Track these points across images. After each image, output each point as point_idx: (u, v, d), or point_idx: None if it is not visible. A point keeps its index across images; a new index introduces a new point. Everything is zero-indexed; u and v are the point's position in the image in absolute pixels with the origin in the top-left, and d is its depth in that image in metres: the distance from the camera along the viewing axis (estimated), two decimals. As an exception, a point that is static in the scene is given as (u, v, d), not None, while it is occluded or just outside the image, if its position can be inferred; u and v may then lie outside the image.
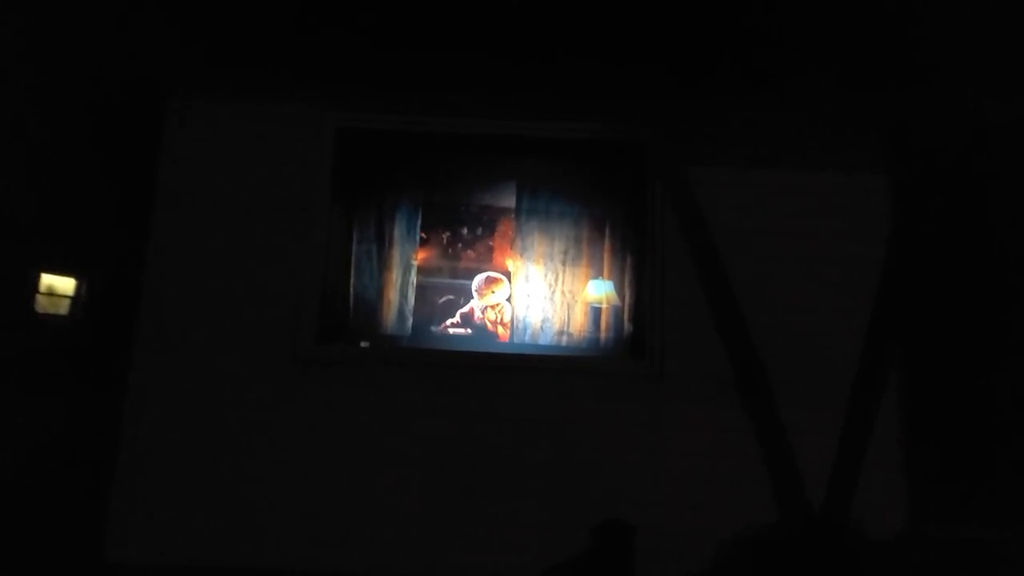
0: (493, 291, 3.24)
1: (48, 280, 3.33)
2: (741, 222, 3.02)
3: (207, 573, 2.73)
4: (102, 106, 3.39)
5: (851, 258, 2.98)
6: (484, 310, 3.25)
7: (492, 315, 3.26)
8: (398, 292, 3.23)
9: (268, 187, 3.06)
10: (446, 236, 3.31)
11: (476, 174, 3.36)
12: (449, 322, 3.22)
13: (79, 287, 3.40)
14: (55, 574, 2.71)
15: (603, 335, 3.21)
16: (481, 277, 3.26)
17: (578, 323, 3.23)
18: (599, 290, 3.25)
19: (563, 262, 3.27)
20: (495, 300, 3.25)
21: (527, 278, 3.27)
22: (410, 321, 3.21)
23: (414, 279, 3.24)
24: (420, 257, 3.28)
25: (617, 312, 3.23)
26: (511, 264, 3.29)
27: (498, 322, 3.26)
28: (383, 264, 3.25)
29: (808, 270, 2.98)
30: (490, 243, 3.31)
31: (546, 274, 3.27)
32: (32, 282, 3.24)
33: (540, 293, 3.26)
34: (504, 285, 3.27)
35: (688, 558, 2.75)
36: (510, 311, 3.25)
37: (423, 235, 3.29)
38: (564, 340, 3.21)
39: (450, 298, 3.25)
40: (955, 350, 3.04)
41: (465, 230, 3.32)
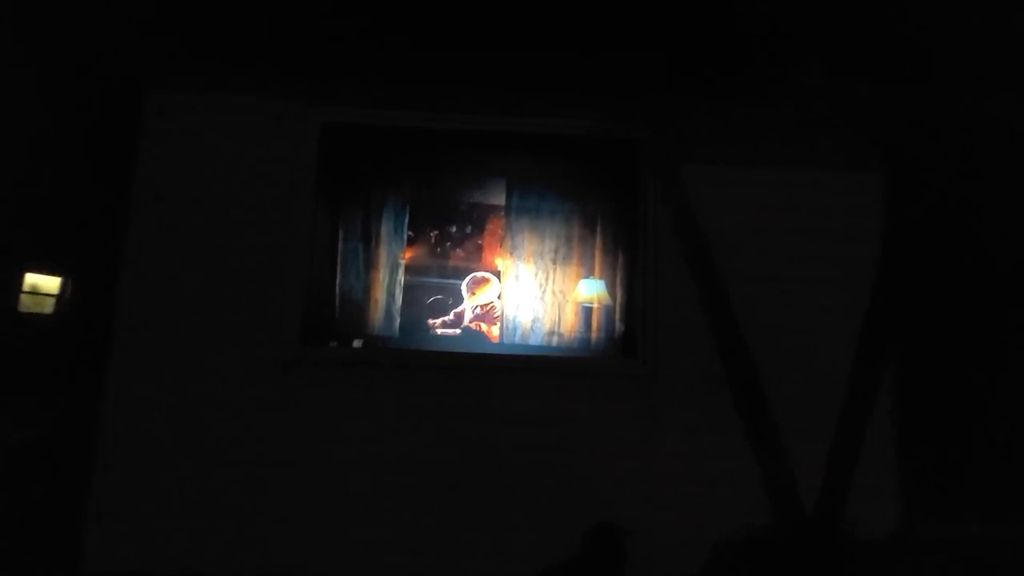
0: (483, 291, 3.19)
1: (24, 280, 3.23)
2: (735, 220, 3.03)
3: (188, 582, 2.68)
4: (77, 100, 3.32)
5: (845, 256, 3.00)
6: (474, 310, 3.20)
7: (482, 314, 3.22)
8: (385, 292, 3.19)
9: (250, 184, 3.01)
10: (434, 234, 3.28)
11: (465, 171, 3.33)
12: (440, 320, 3.17)
13: (55, 286, 3.30)
14: (30, 584, 2.64)
15: (594, 335, 3.20)
16: (469, 277, 3.22)
17: (569, 323, 3.21)
18: (590, 289, 3.23)
19: (554, 261, 3.25)
20: (484, 300, 3.21)
21: (517, 277, 3.23)
22: (397, 321, 3.17)
23: (402, 278, 3.20)
24: (408, 256, 3.24)
25: (609, 312, 3.22)
26: (501, 263, 3.25)
27: (488, 320, 3.21)
28: (370, 263, 3.21)
29: (802, 268, 2.99)
30: (479, 241, 3.28)
31: (536, 273, 3.24)
32: (3, 282, 3.15)
33: (530, 292, 3.23)
34: (493, 284, 3.22)
35: (681, 561, 2.75)
36: (500, 311, 3.21)
37: (411, 233, 3.25)
38: (555, 340, 3.19)
39: (439, 298, 3.21)
40: (949, 349, 3.05)
41: (454, 228, 3.28)
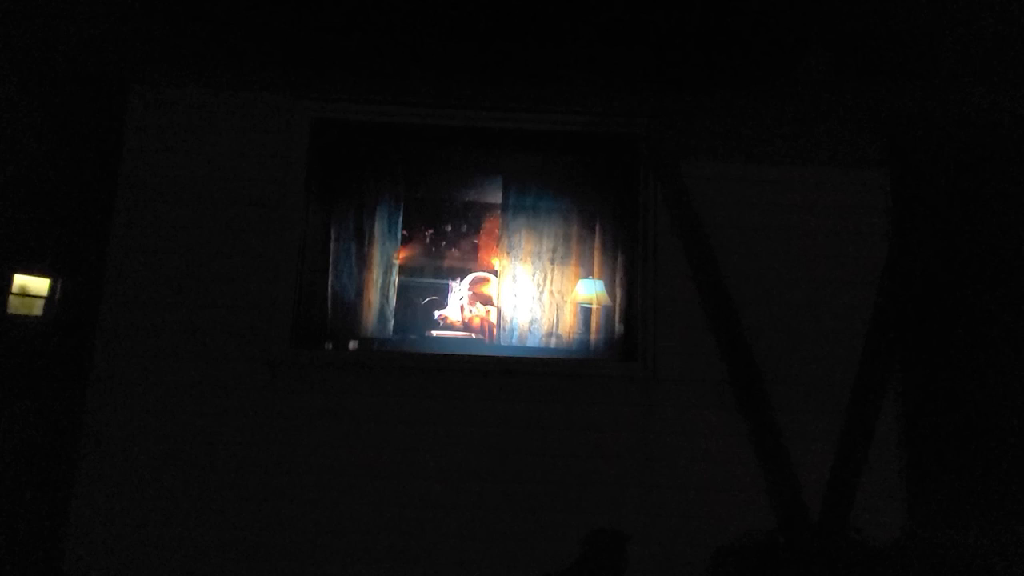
0: (484, 289, 3.14)
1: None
2: (737, 218, 2.99)
3: (174, 592, 2.63)
4: (59, 95, 3.23)
5: (850, 255, 2.97)
6: (466, 300, 3.15)
7: (479, 314, 3.17)
8: (379, 292, 3.13)
9: (238, 182, 2.95)
10: (429, 234, 3.23)
11: (461, 168, 3.29)
12: (439, 314, 3.11)
13: (43, 287, 3.21)
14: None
15: (593, 336, 3.16)
16: (471, 276, 3.16)
17: (567, 324, 3.16)
18: (589, 290, 3.19)
19: (551, 260, 3.20)
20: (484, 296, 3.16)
21: (514, 277, 3.17)
22: (391, 322, 3.11)
23: (395, 278, 3.14)
24: (402, 255, 3.19)
25: (608, 312, 3.17)
26: (497, 263, 3.19)
27: (484, 320, 3.16)
28: (363, 263, 3.15)
29: (806, 267, 2.95)
30: (475, 241, 3.23)
31: (534, 273, 3.19)
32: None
33: (528, 293, 3.17)
34: (493, 283, 3.17)
35: (682, 568, 2.71)
36: (496, 312, 3.15)
37: (405, 232, 3.20)
38: (553, 342, 3.15)
39: (433, 298, 3.15)
40: (957, 350, 3.01)
41: (449, 227, 3.24)
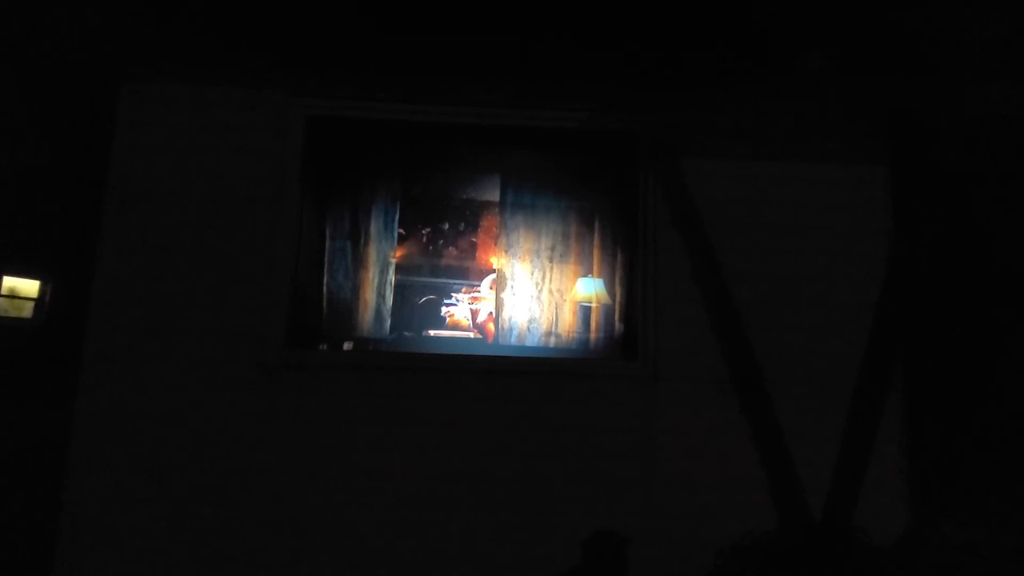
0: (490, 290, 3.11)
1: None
2: (737, 216, 2.99)
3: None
4: (48, 94, 3.19)
5: (852, 252, 2.97)
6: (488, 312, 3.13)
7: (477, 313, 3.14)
8: (375, 292, 3.10)
9: (232, 180, 2.92)
10: (426, 232, 3.21)
11: (458, 166, 3.27)
12: (446, 311, 3.06)
13: (32, 289, 3.15)
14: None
15: (593, 335, 3.14)
16: (488, 277, 3.14)
17: (567, 323, 3.14)
18: (588, 288, 3.18)
19: (550, 259, 3.18)
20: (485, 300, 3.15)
21: (513, 276, 3.14)
22: (388, 322, 3.07)
23: (392, 277, 3.10)
24: (398, 254, 3.15)
25: (608, 311, 3.16)
26: (495, 261, 3.16)
27: (482, 320, 3.14)
28: (359, 262, 3.12)
29: (807, 265, 2.95)
30: (473, 239, 3.20)
31: (533, 272, 3.17)
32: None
33: (527, 292, 3.14)
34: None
35: (683, 569, 2.68)
36: (493, 310, 3.13)
37: (401, 231, 3.18)
38: (552, 341, 3.13)
39: (431, 298, 3.12)
40: (960, 349, 3.01)
41: (446, 225, 3.21)
